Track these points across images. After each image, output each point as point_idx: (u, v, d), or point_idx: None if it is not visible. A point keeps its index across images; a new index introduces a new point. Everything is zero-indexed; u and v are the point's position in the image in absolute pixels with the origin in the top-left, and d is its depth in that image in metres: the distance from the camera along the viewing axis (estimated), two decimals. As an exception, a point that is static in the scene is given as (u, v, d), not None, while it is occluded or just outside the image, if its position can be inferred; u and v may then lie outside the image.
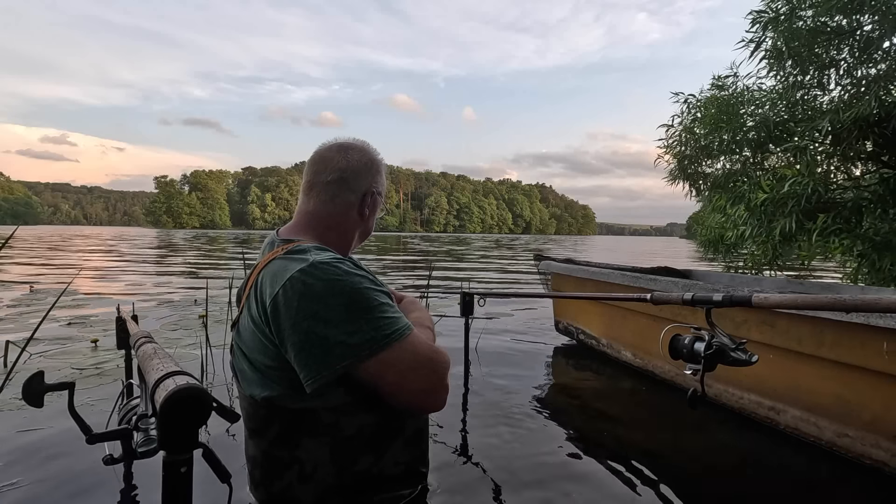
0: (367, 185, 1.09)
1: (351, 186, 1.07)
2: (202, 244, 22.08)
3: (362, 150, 1.11)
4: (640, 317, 2.45)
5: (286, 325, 0.86)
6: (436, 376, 0.94)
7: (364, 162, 1.10)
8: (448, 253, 18.06)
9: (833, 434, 1.57)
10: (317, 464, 0.93)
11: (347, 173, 1.07)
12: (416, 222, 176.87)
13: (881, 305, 0.75)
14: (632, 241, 67.83)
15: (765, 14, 3.93)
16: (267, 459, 0.96)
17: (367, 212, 1.11)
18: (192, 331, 3.44)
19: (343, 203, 1.07)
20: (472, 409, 2.03)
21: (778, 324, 1.68)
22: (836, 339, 1.51)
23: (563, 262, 3.22)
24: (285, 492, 0.95)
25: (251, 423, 0.98)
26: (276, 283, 0.89)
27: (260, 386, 0.93)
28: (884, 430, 1.44)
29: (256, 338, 0.93)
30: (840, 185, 4.14)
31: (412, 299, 1.24)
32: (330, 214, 1.07)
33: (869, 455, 1.48)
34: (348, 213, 1.08)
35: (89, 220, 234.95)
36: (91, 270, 8.51)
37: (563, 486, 1.40)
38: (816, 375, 1.61)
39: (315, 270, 0.88)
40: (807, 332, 1.59)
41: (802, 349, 1.62)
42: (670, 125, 4.90)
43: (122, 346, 1.52)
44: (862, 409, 1.49)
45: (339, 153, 1.09)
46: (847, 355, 1.49)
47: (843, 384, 1.54)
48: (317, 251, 0.94)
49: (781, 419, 1.75)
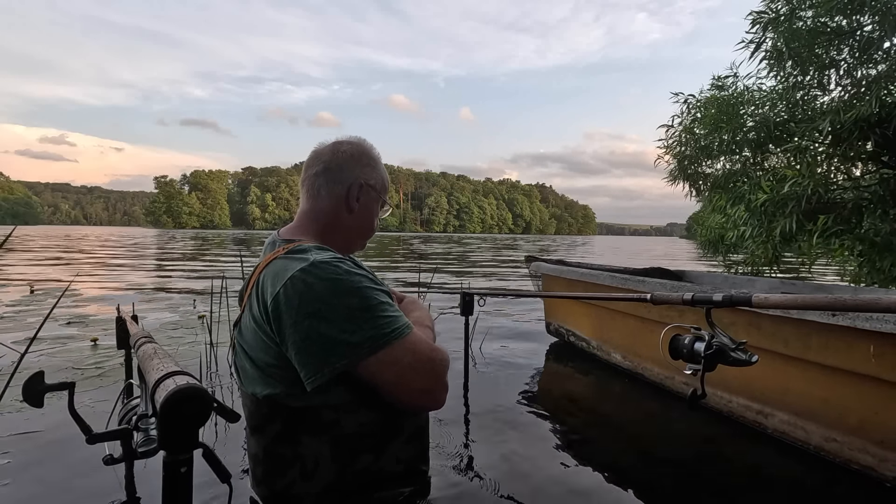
0: (353, 177, 1.06)
1: (336, 178, 1.06)
2: (202, 244, 22.08)
3: (353, 144, 1.10)
4: (631, 319, 2.44)
5: (287, 324, 0.87)
6: (435, 375, 0.94)
7: (352, 153, 1.08)
8: (448, 253, 18.06)
9: (820, 438, 1.56)
10: (318, 461, 0.94)
11: (332, 164, 1.06)
12: (416, 222, 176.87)
13: (881, 305, 0.74)
14: (633, 242, 67.84)
15: (765, 14, 3.93)
16: (269, 457, 0.96)
17: (355, 205, 1.07)
18: (192, 330, 3.44)
19: (330, 196, 1.06)
20: (472, 408, 2.03)
21: (764, 326, 1.66)
22: (823, 343, 1.49)
23: (553, 264, 3.21)
24: (288, 489, 0.96)
25: (253, 421, 0.98)
26: (277, 283, 0.89)
27: (261, 384, 0.94)
28: (871, 435, 1.42)
29: (258, 336, 0.93)
30: (840, 185, 4.14)
31: (413, 299, 1.24)
32: (321, 210, 1.06)
33: (856, 460, 1.46)
34: (337, 207, 1.07)
35: (89, 220, 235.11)
36: (91, 270, 8.52)
37: (559, 484, 1.41)
38: (803, 379, 1.59)
39: (315, 269, 0.88)
40: (793, 334, 1.57)
41: (789, 352, 1.60)
42: (670, 125, 4.90)
43: (122, 346, 1.51)
44: (849, 413, 1.48)
45: (329, 147, 1.09)
46: (834, 359, 1.47)
47: (830, 388, 1.52)
48: (317, 251, 0.95)
49: (769, 423, 1.73)
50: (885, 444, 1.39)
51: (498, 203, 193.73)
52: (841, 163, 4.23)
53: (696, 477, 1.53)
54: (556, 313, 3.26)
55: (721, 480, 1.52)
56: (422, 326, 1.04)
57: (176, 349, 2.90)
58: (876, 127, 3.46)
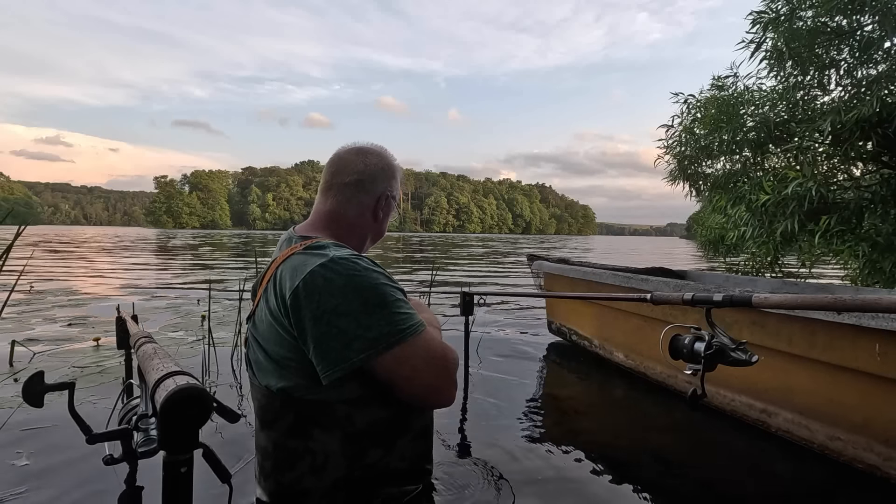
0: (382, 189, 1.13)
1: (367, 189, 1.11)
2: (202, 244, 22.08)
3: (380, 155, 1.15)
4: (633, 318, 2.44)
5: (306, 318, 0.88)
6: (447, 372, 0.97)
7: (381, 167, 1.14)
8: (449, 254, 18.05)
9: (825, 437, 1.56)
10: (328, 455, 0.95)
11: (364, 176, 1.11)
12: (416, 222, 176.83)
13: (881, 305, 0.74)
14: (633, 241, 67.81)
15: (765, 14, 3.93)
16: (279, 450, 0.98)
17: (381, 214, 1.14)
18: (192, 331, 3.44)
19: (359, 205, 1.11)
20: (473, 408, 2.03)
21: (769, 324, 1.66)
22: (828, 341, 1.49)
23: (555, 263, 3.21)
24: (296, 483, 0.97)
25: (264, 415, 1.00)
26: (296, 277, 0.91)
27: (276, 376, 0.96)
28: (876, 434, 1.42)
29: (274, 329, 0.95)
30: (840, 184, 4.14)
31: (417, 301, 1.26)
32: (346, 215, 1.11)
33: (861, 458, 1.46)
34: (363, 215, 1.12)
35: (89, 221, 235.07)
36: (91, 270, 8.52)
37: (560, 483, 1.41)
38: (808, 377, 1.59)
39: (335, 265, 0.90)
40: (798, 333, 1.57)
41: (794, 350, 1.60)
42: (670, 125, 4.90)
43: (122, 346, 1.52)
44: (854, 411, 1.48)
45: (357, 156, 1.13)
46: (839, 357, 1.47)
47: (834, 386, 1.52)
48: (335, 248, 0.97)
49: (773, 422, 1.73)
50: (891, 443, 1.39)
51: (498, 203, 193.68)
52: (841, 163, 4.23)
53: (700, 475, 1.53)
54: (558, 312, 3.26)
55: (724, 479, 1.52)
56: (431, 327, 1.06)
57: (176, 349, 2.90)
58: (877, 127, 3.46)
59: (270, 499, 1.01)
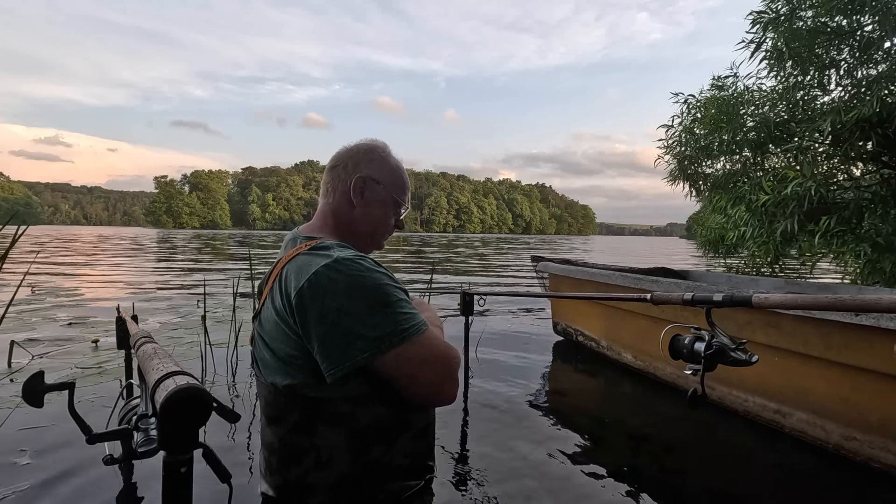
0: (357, 171, 1.10)
1: (341, 175, 1.11)
2: (202, 244, 22.08)
3: (364, 142, 1.15)
4: (640, 318, 2.44)
5: (311, 317, 0.90)
6: (449, 371, 0.98)
7: (359, 150, 1.13)
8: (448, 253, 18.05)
9: (840, 437, 1.56)
10: (332, 451, 0.97)
11: (340, 161, 1.12)
12: (416, 222, 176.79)
13: (882, 305, 0.74)
14: (633, 242, 67.78)
15: (765, 14, 3.93)
16: (285, 446, 0.99)
17: (357, 199, 1.09)
18: (192, 331, 3.44)
19: (339, 192, 1.11)
20: (473, 407, 2.03)
21: (783, 325, 1.66)
22: (844, 342, 1.49)
23: (560, 263, 3.21)
24: (302, 478, 0.98)
25: (270, 411, 1.01)
26: (301, 277, 0.92)
27: (282, 374, 0.97)
28: (892, 433, 1.43)
29: (279, 328, 0.96)
30: (840, 184, 4.14)
31: (420, 301, 1.26)
32: (331, 207, 1.12)
33: (877, 458, 1.46)
34: (345, 203, 1.11)
35: (89, 220, 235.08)
36: (91, 270, 8.51)
37: (563, 483, 1.41)
38: (823, 378, 1.60)
39: (339, 266, 0.91)
40: (813, 334, 1.58)
41: (809, 351, 1.60)
42: (670, 125, 4.90)
43: (122, 346, 1.52)
44: (870, 411, 1.48)
45: (345, 147, 1.14)
46: (855, 358, 1.47)
47: (850, 387, 1.52)
48: (340, 248, 0.99)
49: (787, 422, 1.74)
50: None
51: (498, 203, 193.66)
52: (841, 163, 4.23)
53: (712, 475, 1.53)
54: (563, 313, 3.26)
55: (738, 480, 1.51)
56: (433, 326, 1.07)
57: (176, 349, 2.90)
58: (877, 127, 3.46)
59: (276, 493, 1.02)
